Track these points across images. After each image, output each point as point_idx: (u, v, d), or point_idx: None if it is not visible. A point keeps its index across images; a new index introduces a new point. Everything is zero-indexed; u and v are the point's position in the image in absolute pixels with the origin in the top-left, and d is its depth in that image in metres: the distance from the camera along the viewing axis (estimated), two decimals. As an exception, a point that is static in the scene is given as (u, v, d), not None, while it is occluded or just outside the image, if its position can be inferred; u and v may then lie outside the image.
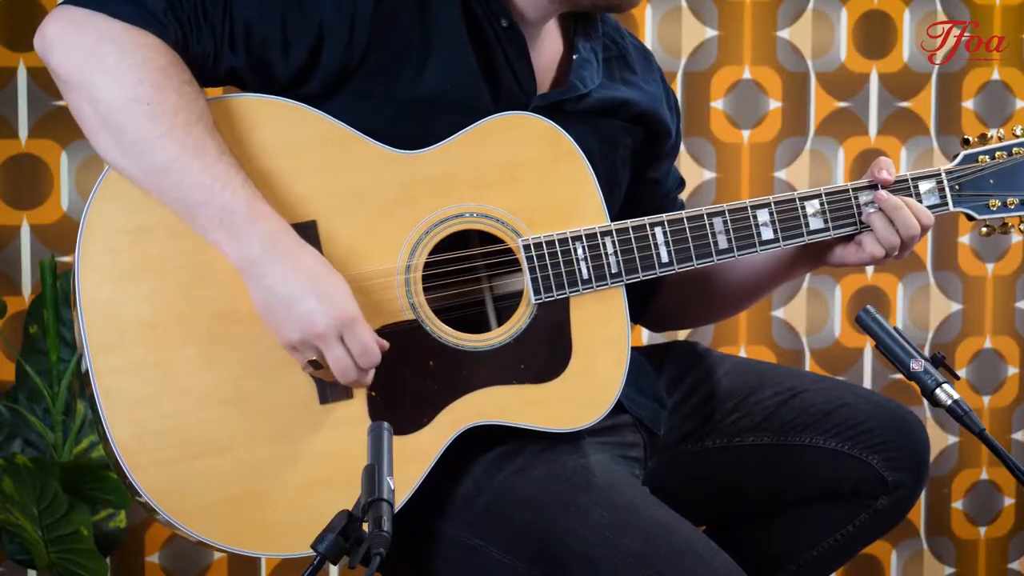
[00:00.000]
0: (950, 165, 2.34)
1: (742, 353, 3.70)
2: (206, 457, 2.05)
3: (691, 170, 3.66)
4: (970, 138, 2.37)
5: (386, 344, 2.06)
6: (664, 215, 2.21)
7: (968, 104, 3.82)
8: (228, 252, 2.03)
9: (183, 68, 2.05)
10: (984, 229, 2.36)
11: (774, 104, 3.71)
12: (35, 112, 3.32)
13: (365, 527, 1.71)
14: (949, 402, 2.10)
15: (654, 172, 2.41)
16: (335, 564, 2.00)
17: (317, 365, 2.04)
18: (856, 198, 2.28)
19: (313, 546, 1.70)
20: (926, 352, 2.23)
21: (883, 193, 2.27)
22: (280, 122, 2.09)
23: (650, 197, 2.40)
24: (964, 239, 3.84)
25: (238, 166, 2.03)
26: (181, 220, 2.04)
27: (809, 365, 3.78)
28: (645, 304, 2.46)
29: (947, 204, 2.32)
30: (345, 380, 2.05)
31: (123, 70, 2.02)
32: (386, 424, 1.80)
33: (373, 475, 1.74)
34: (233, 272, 2.05)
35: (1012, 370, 3.91)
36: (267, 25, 2.09)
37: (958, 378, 2.15)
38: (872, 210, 2.27)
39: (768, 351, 3.75)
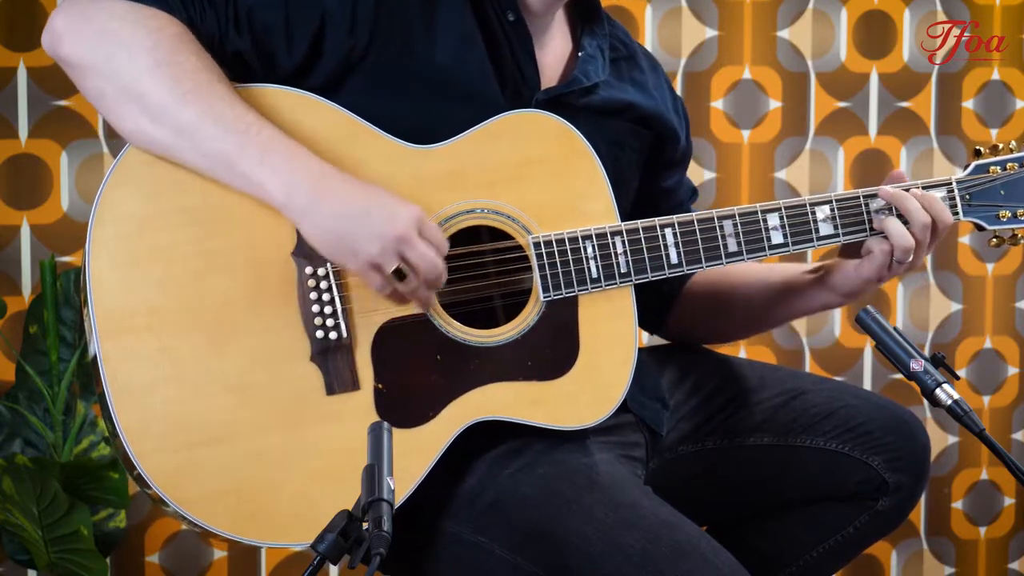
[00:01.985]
0: (961, 175, 2.34)
1: (742, 353, 3.70)
2: (211, 445, 2.05)
3: (691, 170, 3.63)
4: (981, 148, 2.36)
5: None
6: (675, 216, 2.22)
7: (968, 104, 3.82)
8: (275, 191, 2.02)
9: (194, 37, 2.06)
10: (993, 240, 2.36)
11: (774, 104, 3.71)
12: (35, 112, 3.32)
13: (365, 527, 1.71)
14: (949, 402, 2.10)
15: (666, 181, 2.42)
16: (335, 564, 2.01)
17: (401, 275, 2.04)
18: (866, 204, 2.28)
19: (313, 546, 1.71)
20: (926, 352, 2.23)
21: (887, 188, 2.26)
22: (292, 112, 2.10)
23: (664, 206, 2.39)
24: (964, 239, 3.85)
25: (264, 117, 2.04)
26: (193, 208, 2.05)
27: (809, 365, 3.78)
28: (663, 315, 2.46)
29: (958, 213, 2.32)
30: (433, 275, 2.04)
31: (137, 40, 2.03)
32: (386, 424, 1.80)
33: (373, 475, 1.74)
34: (243, 260, 2.06)
35: (1012, 370, 3.91)
36: (269, 12, 2.09)
37: (958, 378, 2.15)
38: (884, 216, 2.27)
39: (768, 351, 3.75)
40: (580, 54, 2.27)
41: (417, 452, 2.11)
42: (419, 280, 2.05)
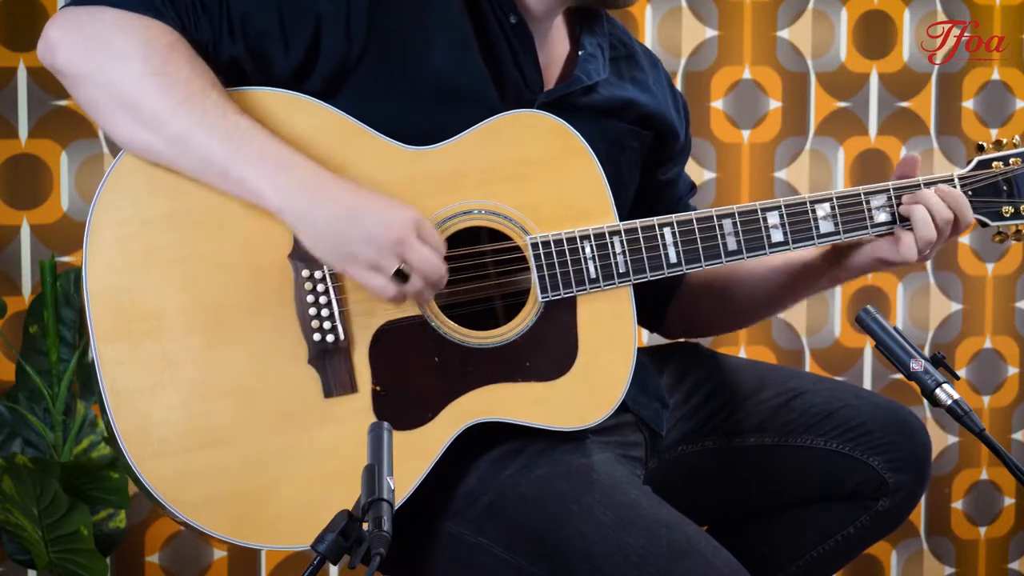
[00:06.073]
0: (963, 171, 2.33)
1: (742, 353, 3.70)
2: (210, 448, 2.05)
3: (691, 170, 3.61)
4: (984, 144, 2.35)
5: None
6: (673, 216, 2.21)
7: (968, 104, 3.82)
8: (270, 197, 2.02)
9: (188, 45, 2.06)
10: (997, 236, 2.34)
11: (774, 104, 3.71)
12: (35, 112, 3.32)
13: (365, 527, 1.71)
14: (949, 402, 2.10)
15: (664, 174, 2.41)
16: (335, 564, 2.01)
17: (402, 276, 2.03)
18: (867, 202, 2.28)
19: (313, 546, 1.70)
20: (926, 352, 2.23)
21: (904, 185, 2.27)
22: (289, 115, 2.09)
23: (663, 200, 2.40)
24: (964, 239, 3.85)
25: (259, 123, 2.04)
26: (189, 212, 2.05)
27: (809, 365, 3.78)
28: (661, 312, 2.45)
29: None
30: (434, 277, 2.04)
31: (130, 49, 2.04)
32: (386, 424, 1.80)
33: (373, 475, 1.74)
34: (240, 263, 2.06)
35: (1012, 370, 3.91)
36: (265, 18, 2.09)
37: (958, 378, 2.15)
38: (912, 205, 2.25)
39: (768, 351, 3.75)
40: (580, 53, 2.27)
41: (416, 454, 2.10)
42: (421, 282, 2.04)
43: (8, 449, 3.11)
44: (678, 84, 3.64)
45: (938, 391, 2.11)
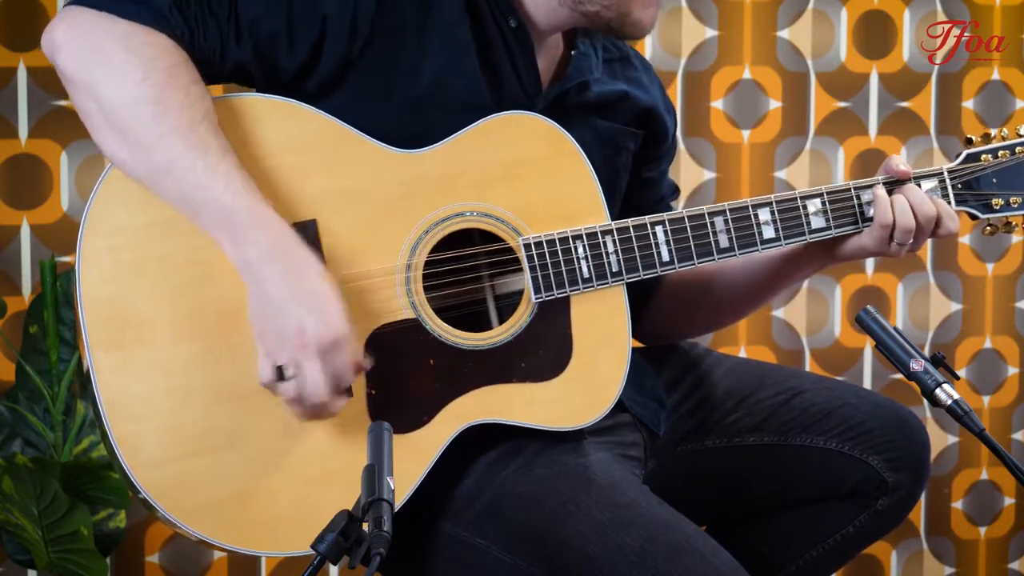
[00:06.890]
0: (952, 164, 2.33)
1: (742, 353, 3.70)
2: (205, 455, 2.05)
3: (691, 170, 3.66)
4: (973, 137, 2.35)
5: (367, 365, 2.05)
6: (665, 214, 2.22)
7: (968, 104, 3.82)
8: (228, 253, 2.02)
9: (190, 68, 2.06)
10: (987, 228, 2.35)
11: (774, 104, 3.71)
12: (35, 112, 3.32)
13: (365, 527, 1.71)
14: (949, 402, 2.10)
15: (649, 172, 2.41)
16: (335, 564, 2.01)
17: (281, 375, 2.00)
18: (858, 197, 2.28)
19: (313, 546, 1.70)
20: (926, 352, 2.23)
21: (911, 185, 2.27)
22: (281, 121, 2.09)
23: (645, 198, 2.40)
24: (964, 239, 3.85)
25: (241, 167, 2.03)
26: (183, 219, 2.05)
27: (809, 365, 3.78)
28: (637, 315, 2.45)
29: (950, 203, 2.31)
30: (310, 400, 2.00)
31: (128, 68, 2.03)
32: (386, 424, 1.80)
33: (373, 475, 1.74)
34: (234, 270, 2.05)
35: (1012, 370, 3.91)
36: (273, 20, 2.09)
37: (958, 378, 2.15)
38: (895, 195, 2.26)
39: (768, 351, 3.75)
40: (573, 52, 2.27)
41: (413, 456, 2.10)
42: (295, 392, 2.00)
43: (8, 449, 3.11)
44: (678, 84, 3.64)
45: (938, 391, 2.11)
